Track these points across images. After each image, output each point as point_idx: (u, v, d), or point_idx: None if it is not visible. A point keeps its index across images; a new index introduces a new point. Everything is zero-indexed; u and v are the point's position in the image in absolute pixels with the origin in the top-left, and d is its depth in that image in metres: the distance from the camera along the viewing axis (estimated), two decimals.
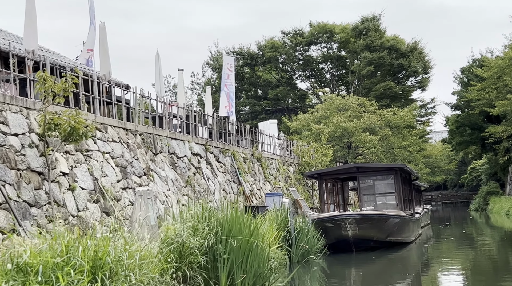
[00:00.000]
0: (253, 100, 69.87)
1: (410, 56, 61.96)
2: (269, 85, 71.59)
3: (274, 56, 67.60)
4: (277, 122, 38.89)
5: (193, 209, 10.46)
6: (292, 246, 14.10)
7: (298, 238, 14.19)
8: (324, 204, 20.08)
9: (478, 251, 19.33)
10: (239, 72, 71.44)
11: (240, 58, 71.04)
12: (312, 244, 14.61)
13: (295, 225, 14.36)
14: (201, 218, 10.18)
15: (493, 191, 55.56)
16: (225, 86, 25.75)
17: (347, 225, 15.74)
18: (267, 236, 12.52)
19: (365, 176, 19.64)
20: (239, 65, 71.02)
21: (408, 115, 43.72)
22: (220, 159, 23.17)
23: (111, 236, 7.32)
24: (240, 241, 9.95)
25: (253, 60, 70.18)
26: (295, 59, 70.15)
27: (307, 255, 14.41)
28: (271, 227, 13.21)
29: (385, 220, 16.42)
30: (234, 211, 10.66)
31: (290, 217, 14.06)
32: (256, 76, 72.68)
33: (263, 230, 12.53)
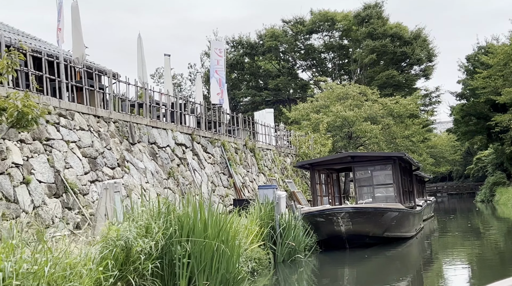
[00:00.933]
0: (253, 90, 68.29)
1: (414, 43, 60.32)
2: (269, 75, 70.05)
3: (275, 45, 66.05)
4: (273, 112, 37.45)
5: (149, 204, 8.99)
6: (277, 244, 12.63)
7: (283, 235, 12.74)
8: (316, 197, 18.57)
9: (484, 246, 17.91)
10: (239, 62, 70.01)
11: (239, 47, 69.60)
12: (299, 241, 13.13)
13: (281, 220, 12.91)
14: (156, 215, 8.72)
15: (499, 182, 53.98)
16: (215, 72, 24.29)
17: (339, 220, 14.32)
18: (246, 233, 11.13)
19: (360, 166, 18.11)
20: (239, 54, 69.60)
21: (411, 104, 42.12)
22: (208, 149, 21.76)
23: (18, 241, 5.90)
24: (204, 242, 8.51)
25: (252, 50, 68.63)
26: (296, 48, 68.58)
27: (294, 254, 12.93)
28: (252, 223, 11.79)
29: (382, 213, 14.99)
30: (199, 205, 9.18)
31: (276, 211, 12.65)
32: (256, 66, 71.15)
33: (241, 227, 11.14)
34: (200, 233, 8.60)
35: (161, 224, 8.37)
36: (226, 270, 8.77)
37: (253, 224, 11.83)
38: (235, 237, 9.41)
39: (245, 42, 68.66)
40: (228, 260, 8.86)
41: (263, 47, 67.47)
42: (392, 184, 17.36)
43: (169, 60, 23.46)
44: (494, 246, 17.93)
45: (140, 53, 20.19)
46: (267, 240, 12.42)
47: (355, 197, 17.97)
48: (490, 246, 17.87)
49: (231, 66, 69.75)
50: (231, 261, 8.96)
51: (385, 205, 15.92)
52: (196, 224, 8.68)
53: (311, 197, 18.87)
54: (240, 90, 69.02)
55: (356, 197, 18.02)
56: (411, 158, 18.16)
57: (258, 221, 12.36)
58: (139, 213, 8.51)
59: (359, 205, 15.84)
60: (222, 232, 9.01)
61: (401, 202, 17.06)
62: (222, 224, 9.11)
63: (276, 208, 18.21)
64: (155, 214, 8.69)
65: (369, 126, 38.61)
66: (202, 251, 8.51)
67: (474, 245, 18.85)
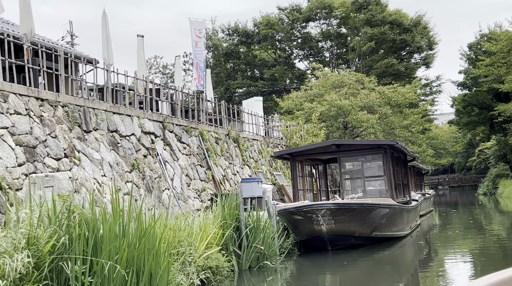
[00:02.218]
0: (248, 81, 66.17)
1: (414, 31, 58.14)
2: (265, 65, 67.96)
3: (270, 34, 63.94)
4: (262, 100, 35.46)
5: (44, 206, 6.96)
6: (242, 248, 10.60)
7: (250, 237, 10.72)
8: (298, 191, 16.45)
9: (488, 246, 15.91)
10: (234, 51, 67.92)
11: (235, 36, 67.49)
12: (270, 244, 11.09)
13: (247, 219, 10.88)
14: (54, 219, 6.68)
15: (502, 174, 51.92)
16: (194, 56, 22.26)
17: (319, 218, 12.32)
18: (200, 237, 9.16)
19: (347, 156, 15.99)
20: (234, 43, 67.51)
21: (410, 93, 40.03)
22: (183, 139, 19.77)
23: None
24: (116, 256, 6.47)
25: (248, 38, 66.49)
26: (292, 37, 66.46)
27: (263, 259, 10.87)
28: (207, 225, 9.78)
29: (369, 210, 12.98)
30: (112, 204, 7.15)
31: (241, 210, 10.65)
32: (252, 55, 69.05)
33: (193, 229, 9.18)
34: (110, 243, 6.56)
35: (53, 231, 6.32)
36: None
37: (210, 226, 9.83)
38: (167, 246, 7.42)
39: (241, 30, 66.51)
40: (156, 276, 6.83)
41: (259, 35, 65.36)
42: (383, 176, 15.30)
43: (142, 42, 21.45)
44: (498, 246, 15.95)
45: (104, 31, 18.18)
46: (231, 243, 10.47)
47: (341, 191, 15.96)
48: (495, 246, 15.90)
49: (226, 55, 67.73)
50: (158, 277, 6.92)
51: (373, 200, 13.88)
52: (106, 231, 6.67)
53: (292, 192, 16.81)
54: (235, 81, 66.89)
55: (342, 191, 15.99)
56: (404, 146, 16.06)
57: (221, 221, 10.40)
58: (25, 216, 6.47)
59: (342, 201, 13.80)
60: (146, 240, 6.98)
61: (393, 197, 15.03)
62: (148, 228, 7.09)
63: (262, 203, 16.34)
64: (52, 217, 6.66)
65: (365, 115, 36.62)
66: (113, 266, 6.47)
67: (477, 244, 16.88)
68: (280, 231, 13.90)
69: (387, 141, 16.05)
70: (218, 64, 68.46)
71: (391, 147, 15.14)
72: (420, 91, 57.06)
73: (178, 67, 24.72)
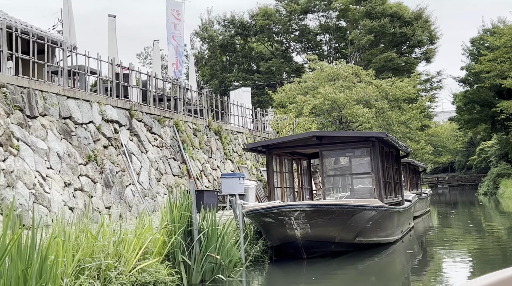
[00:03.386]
0: (244, 74, 64.22)
1: (415, 24, 56.18)
2: (262, 58, 66.05)
3: (267, 25, 62.02)
4: (250, 91, 33.62)
5: None
6: (193, 258, 8.67)
7: (203, 245, 8.82)
8: (273, 189, 14.46)
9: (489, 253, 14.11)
10: (230, 43, 66.04)
11: (231, 27, 65.59)
12: (229, 252, 9.17)
13: (200, 223, 8.99)
14: None
15: (504, 173, 50.03)
16: (172, 38, 20.41)
17: (292, 221, 10.45)
18: (133, 246, 7.33)
19: (330, 149, 14.02)
20: (230, 35, 65.62)
21: (409, 86, 38.13)
22: (154, 129, 17.94)
23: None
24: None
25: (244, 30, 64.60)
26: (290, 29, 64.55)
27: (219, 271, 8.96)
28: (145, 230, 7.91)
29: (351, 213, 11.11)
30: None
31: (193, 211, 8.81)
32: (248, 48, 67.15)
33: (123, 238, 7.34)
34: None
35: None
36: None
37: (149, 231, 7.95)
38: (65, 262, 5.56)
39: (237, 22, 64.62)
40: None
41: (256, 27, 63.49)
42: (370, 173, 13.39)
43: (114, 23, 19.60)
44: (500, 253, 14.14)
45: (66, 7, 16.35)
46: (181, 252, 8.63)
47: (323, 190, 14.06)
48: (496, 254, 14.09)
49: (222, 47, 65.85)
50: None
51: (356, 201, 11.99)
52: None
53: (267, 190, 14.84)
54: (231, 73, 64.97)
55: (324, 190, 14.08)
56: (395, 140, 14.07)
57: (167, 224, 8.56)
58: None
59: (318, 202, 11.89)
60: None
61: (381, 197, 13.13)
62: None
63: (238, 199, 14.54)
64: None
65: (361, 109, 34.80)
66: None
67: (476, 252, 15.06)
68: (252, 235, 12.08)
69: (375, 133, 14.04)
70: (213, 56, 66.60)
71: (380, 140, 13.18)
72: (420, 87, 55.25)
73: (156, 52, 22.87)
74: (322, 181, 13.92)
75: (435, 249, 15.69)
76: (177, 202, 8.94)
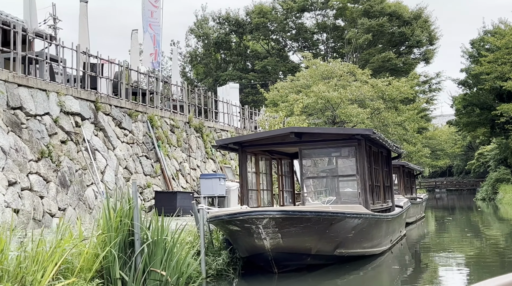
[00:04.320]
0: (239, 72, 62.69)
1: (414, 24, 54.68)
2: (258, 57, 64.58)
3: (263, 23, 60.50)
4: (238, 87, 32.16)
5: None
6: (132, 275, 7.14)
7: (144, 258, 7.27)
8: (246, 192, 12.83)
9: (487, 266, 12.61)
10: (224, 41, 64.57)
11: (226, 25, 64.09)
12: (179, 266, 7.60)
13: (144, 233, 7.44)
14: None
15: (503, 178, 48.57)
16: (148, 26, 18.91)
17: (260, 230, 8.93)
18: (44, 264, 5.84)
19: (310, 148, 12.45)
20: (225, 32, 64.13)
21: (406, 86, 36.62)
22: (124, 124, 16.45)
23: None
24: None
25: (240, 27, 63.10)
26: (286, 27, 63.06)
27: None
28: (63, 242, 6.36)
29: (330, 221, 9.59)
30: None
31: (135, 217, 7.29)
32: (244, 46, 65.66)
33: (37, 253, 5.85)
34: None
35: None
36: None
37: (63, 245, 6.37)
38: None
39: (232, 19, 63.13)
40: None
41: (251, 25, 62.02)
42: (355, 175, 11.83)
43: (85, 8, 18.09)
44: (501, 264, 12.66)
45: None
46: (120, 267, 7.14)
47: (302, 194, 12.51)
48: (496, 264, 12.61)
49: (216, 44, 64.38)
50: None
51: (335, 207, 10.42)
52: None
53: (240, 193, 13.20)
54: (225, 72, 63.41)
55: (303, 194, 12.51)
56: (384, 138, 12.46)
57: (102, 233, 7.08)
58: None
59: (291, 208, 10.30)
60: None
61: (367, 202, 11.56)
62: None
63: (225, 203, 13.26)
64: None
65: (355, 109, 33.31)
66: None
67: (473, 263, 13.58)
68: (220, 245, 10.56)
69: (361, 130, 12.37)
70: (207, 54, 65.11)
71: (367, 138, 11.59)
72: (418, 88, 53.78)
73: (134, 42, 21.36)
74: (301, 184, 12.42)
75: (428, 260, 14.20)
76: (119, 206, 7.44)
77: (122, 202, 7.51)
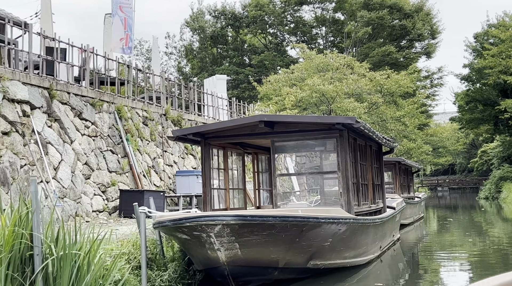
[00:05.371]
0: (235, 67, 60.92)
1: (415, 17, 52.87)
2: (255, 51, 62.83)
3: (260, 16, 58.71)
4: (226, 78, 30.44)
5: None
6: None
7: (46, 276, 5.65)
8: (210, 192, 10.94)
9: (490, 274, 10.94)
10: (220, 35, 62.85)
11: (222, 18, 62.34)
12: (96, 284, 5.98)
13: (46, 245, 5.77)
14: None
15: (507, 176, 46.71)
16: (119, 9, 17.21)
17: (213, 239, 7.22)
18: None
19: (283, 140, 10.59)
20: (222, 26, 62.41)
21: (405, 80, 34.84)
22: (85, 115, 14.74)
23: None
24: None
25: (236, 21, 61.34)
26: (284, 21, 61.31)
27: None
28: None
29: (300, 228, 7.84)
30: None
31: (35, 227, 5.59)
32: (240, 40, 63.89)
33: None
34: None
35: None
36: None
37: None
38: None
39: (229, 12, 61.37)
40: None
41: (248, 18, 60.27)
42: (337, 172, 10.02)
43: None
44: None
45: None
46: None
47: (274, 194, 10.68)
48: None
49: (212, 38, 62.64)
50: None
51: (306, 211, 8.61)
52: None
53: (202, 192, 11.34)
54: (221, 66, 61.66)
55: (275, 194, 10.67)
56: (371, 129, 10.53)
57: None
58: None
59: (250, 212, 8.41)
60: None
61: (349, 204, 9.74)
62: None
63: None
64: None
65: (352, 103, 31.60)
66: None
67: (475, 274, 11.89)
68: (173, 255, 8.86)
69: (342, 118, 10.31)
70: (203, 48, 63.37)
71: (350, 128, 9.80)
72: (420, 83, 51.99)
73: (107, 27, 19.65)
74: (273, 182, 10.66)
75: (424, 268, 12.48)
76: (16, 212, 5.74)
77: (20, 205, 5.80)
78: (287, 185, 30.47)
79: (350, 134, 10.24)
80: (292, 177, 29.64)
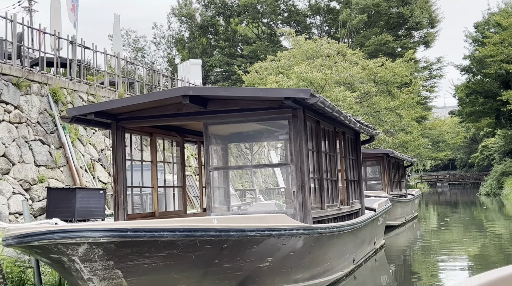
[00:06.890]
0: (226, 58, 58.35)
1: (413, 4, 50.25)
2: (247, 41, 60.28)
3: (251, 4, 56.17)
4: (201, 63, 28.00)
5: None
6: None
7: None
8: (122, 191, 8.27)
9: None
10: (210, 25, 60.29)
11: (212, 7, 59.76)
12: None
13: None
14: None
15: (509, 171, 44.37)
16: None
17: (77, 264, 4.84)
18: None
19: (220, 122, 7.73)
20: (212, 15, 59.85)
21: (400, 67, 32.30)
22: (6, 97, 12.27)
23: None
24: None
25: (226, 10, 58.79)
26: (277, 10, 58.74)
27: None
28: None
29: (219, 244, 5.36)
30: None
31: None
32: (231, 30, 61.27)
33: None
34: None
35: None
36: None
37: None
38: None
39: (219, 0, 58.77)
40: None
41: (239, 7, 57.75)
42: (288, 164, 7.41)
43: None
44: None
45: None
46: None
47: (207, 196, 8.11)
48: None
49: (202, 28, 60.06)
50: None
51: (227, 220, 6.03)
52: None
53: (114, 192, 8.76)
54: (212, 57, 59.08)
55: (207, 193, 8.10)
56: (336, 108, 7.89)
57: None
58: None
59: (135, 224, 5.83)
60: None
61: (306, 206, 7.15)
62: None
63: None
64: None
65: (342, 92, 29.10)
66: None
67: None
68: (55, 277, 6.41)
69: (293, 91, 7.43)
70: (192, 38, 60.81)
71: (306, 106, 7.12)
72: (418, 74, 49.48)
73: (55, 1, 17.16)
74: (207, 177, 8.13)
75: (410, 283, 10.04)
76: None
77: None
78: (271, 181, 27.99)
79: (308, 115, 7.71)
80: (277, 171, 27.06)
